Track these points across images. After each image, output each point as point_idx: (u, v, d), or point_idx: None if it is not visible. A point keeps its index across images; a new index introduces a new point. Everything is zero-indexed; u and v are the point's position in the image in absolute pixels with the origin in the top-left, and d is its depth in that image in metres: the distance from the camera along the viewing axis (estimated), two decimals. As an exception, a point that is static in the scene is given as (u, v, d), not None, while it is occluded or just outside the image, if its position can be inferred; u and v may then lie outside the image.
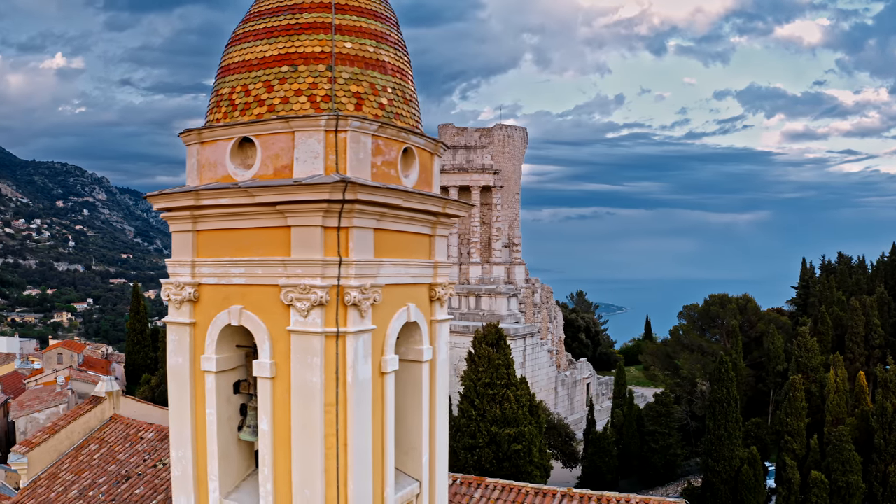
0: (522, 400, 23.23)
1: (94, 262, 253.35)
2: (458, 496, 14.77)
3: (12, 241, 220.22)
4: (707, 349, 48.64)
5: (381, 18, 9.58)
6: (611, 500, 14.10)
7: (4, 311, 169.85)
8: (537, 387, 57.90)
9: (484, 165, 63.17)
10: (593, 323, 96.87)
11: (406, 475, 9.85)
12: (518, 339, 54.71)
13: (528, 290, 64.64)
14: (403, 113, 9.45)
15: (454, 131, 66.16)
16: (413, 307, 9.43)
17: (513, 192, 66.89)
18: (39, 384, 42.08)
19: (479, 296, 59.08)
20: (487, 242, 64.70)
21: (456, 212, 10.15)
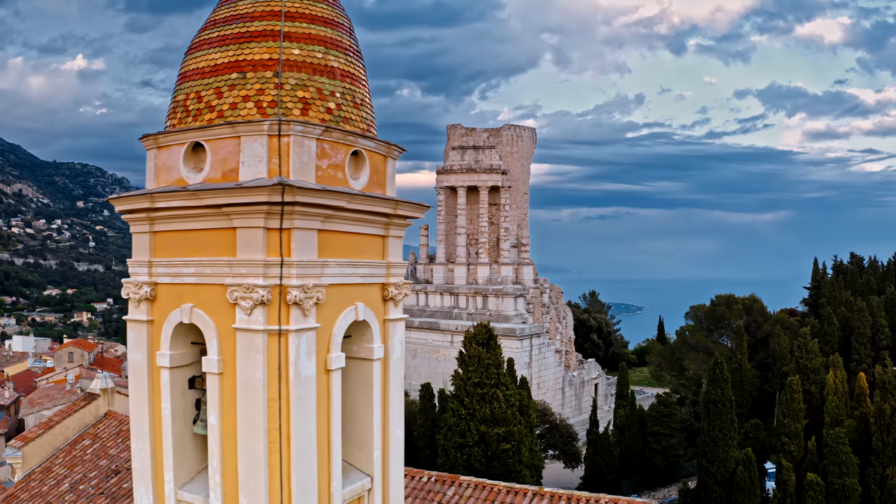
0: (512, 399, 23.37)
1: (115, 261, 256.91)
2: (431, 493, 14.99)
3: (33, 242, 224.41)
4: (713, 350, 48.33)
5: (332, 25, 9.84)
6: (580, 499, 14.23)
7: (25, 310, 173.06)
8: (544, 387, 57.91)
9: (492, 166, 63.32)
10: (605, 323, 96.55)
11: (358, 470, 10.10)
12: (524, 339, 54.80)
13: (537, 290, 64.65)
14: (353, 117, 9.70)
15: (462, 131, 66.40)
16: (362, 306, 9.68)
17: (521, 193, 66.96)
18: (50, 382, 43.01)
19: (486, 296, 59.24)
20: (496, 242, 64.82)
21: (410, 213, 10.37)
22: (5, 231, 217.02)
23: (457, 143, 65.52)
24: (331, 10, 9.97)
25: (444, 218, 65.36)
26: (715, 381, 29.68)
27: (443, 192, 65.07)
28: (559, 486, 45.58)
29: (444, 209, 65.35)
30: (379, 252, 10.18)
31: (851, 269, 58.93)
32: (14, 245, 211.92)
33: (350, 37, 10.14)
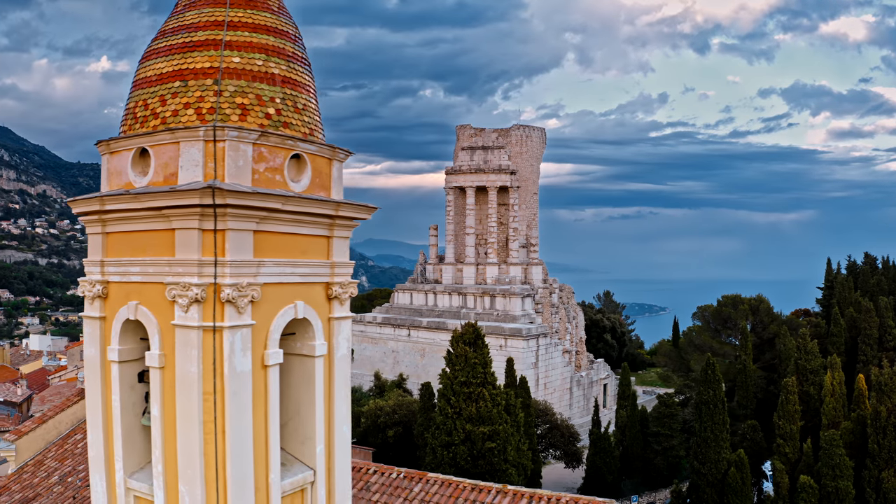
0: (498, 399, 23.56)
1: None
2: (399, 489, 15.31)
3: (57, 242, 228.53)
4: (719, 350, 48.00)
5: (274, 33, 10.22)
6: (542, 497, 14.43)
7: (49, 310, 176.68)
8: (551, 387, 57.92)
9: (501, 166, 63.45)
10: (620, 323, 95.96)
11: (301, 463, 10.45)
12: (531, 339, 54.86)
13: (546, 290, 64.61)
14: (293, 121, 10.06)
15: (472, 132, 66.61)
16: (302, 304, 10.02)
17: (531, 193, 66.96)
18: (63, 380, 44.17)
19: (493, 296, 59.41)
20: (505, 243, 64.94)
21: (355, 214, 10.70)
22: (30, 231, 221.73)
23: (466, 143, 65.75)
24: (275, 18, 10.34)
25: (454, 218, 65.65)
26: (707, 381, 29.56)
27: (452, 192, 65.36)
28: (561, 486, 45.60)
29: (453, 209, 65.64)
30: (323, 252, 10.52)
31: (864, 269, 58.06)
32: (38, 245, 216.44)
33: (295, 44, 10.51)
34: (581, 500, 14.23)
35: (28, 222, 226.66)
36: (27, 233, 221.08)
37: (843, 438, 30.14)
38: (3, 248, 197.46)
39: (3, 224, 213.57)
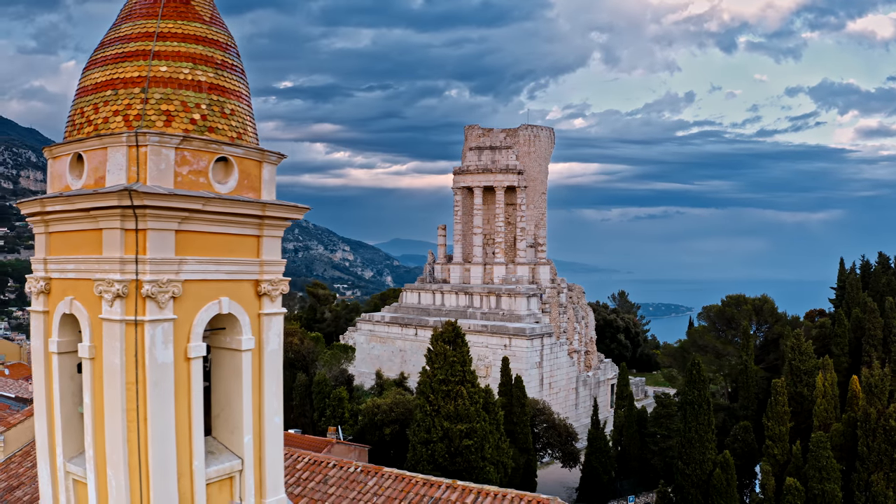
0: (476, 397, 23.88)
1: None
2: (355, 483, 15.77)
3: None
4: (722, 351, 47.65)
5: (204, 42, 10.77)
6: (489, 493, 14.76)
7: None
8: (556, 386, 57.96)
9: (508, 166, 63.62)
10: (634, 324, 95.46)
11: (230, 452, 10.98)
12: (535, 339, 54.97)
13: (554, 290, 64.60)
14: (220, 126, 10.60)
15: (479, 132, 66.89)
16: (227, 300, 10.55)
17: (539, 193, 67.01)
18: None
19: (499, 296, 59.63)
20: (512, 242, 65.09)
21: (284, 215, 11.21)
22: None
23: (474, 143, 66.04)
24: (205, 28, 10.90)
25: (461, 218, 65.99)
26: (691, 382, 29.46)
27: (460, 192, 65.71)
28: (560, 485, 45.63)
29: (461, 209, 65.98)
30: (253, 251, 11.04)
31: (876, 269, 57.07)
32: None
33: (226, 52, 11.05)
34: (526, 497, 14.53)
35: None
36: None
37: (834, 441, 29.84)
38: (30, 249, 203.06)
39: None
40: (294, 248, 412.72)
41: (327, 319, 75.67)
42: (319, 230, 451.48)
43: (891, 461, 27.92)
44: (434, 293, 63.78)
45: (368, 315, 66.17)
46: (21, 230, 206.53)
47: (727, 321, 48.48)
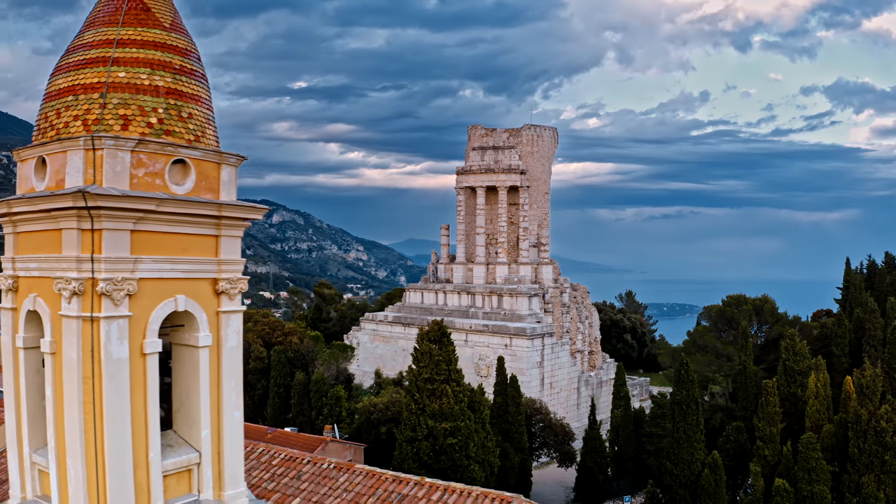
0: (461, 395, 24.12)
1: None
2: (327, 479, 16.10)
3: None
4: (722, 351, 47.55)
5: (163, 48, 11.14)
6: (455, 490, 15.01)
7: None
8: (557, 386, 58.05)
9: (510, 166, 63.75)
10: (641, 324, 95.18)
11: (189, 445, 11.34)
12: (535, 339, 55.09)
13: (557, 290, 64.66)
14: (177, 129, 10.97)
15: (482, 132, 67.09)
16: (183, 298, 10.91)
17: (542, 193, 67.10)
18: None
19: (500, 295, 59.80)
20: (515, 242, 65.22)
21: (241, 215, 11.55)
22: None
23: (477, 143, 66.25)
24: (165, 35, 11.27)
25: (464, 218, 66.22)
26: (680, 381, 29.46)
27: (462, 192, 65.95)
28: (559, 485, 45.72)
29: (463, 209, 66.23)
30: (211, 250, 11.40)
31: (881, 269, 56.67)
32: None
33: (185, 58, 11.41)
34: (491, 494, 14.77)
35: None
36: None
37: (826, 442, 29.74)
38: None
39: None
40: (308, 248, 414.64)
41: (333, 319, 76.23)
42: (333, 230, 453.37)
43: (882, 463, 27.81)
44: (437, 293, 64.07)
45: (372, 315, 66.63)
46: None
47: (728, 321, 48.36)
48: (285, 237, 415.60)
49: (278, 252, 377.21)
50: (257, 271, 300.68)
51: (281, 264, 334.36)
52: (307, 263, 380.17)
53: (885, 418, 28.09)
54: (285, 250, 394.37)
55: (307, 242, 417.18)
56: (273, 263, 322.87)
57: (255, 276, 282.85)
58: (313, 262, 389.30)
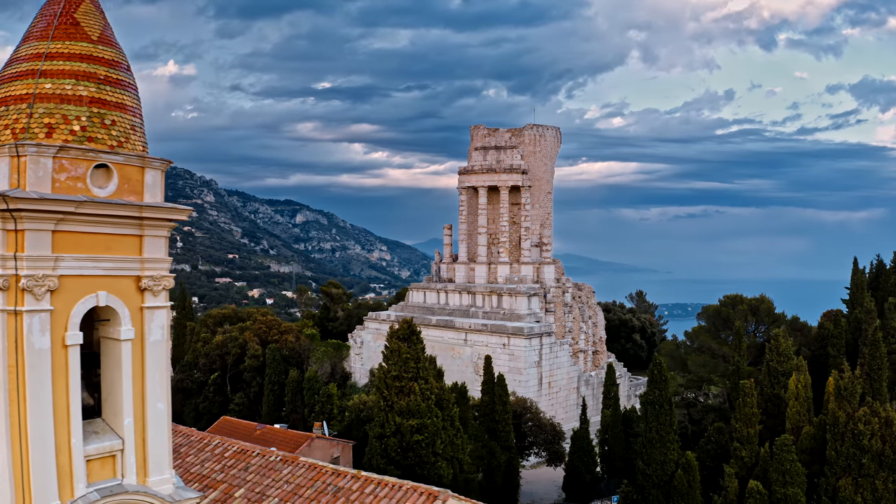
0: (427, 393, 24.63)
1: (201, 261, 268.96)
2: (272, 471, 16.78)
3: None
4: (717, 351, 47.34)
5: (88, 60, 11.89)
6: (388, 483, 15.50)
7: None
8: (556, 385, 58.25)
9: (512, 165, 64.05)
10: (650, 324, 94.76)
11: (114, 433, 12.07)
12: (533, 338, 55.37)
13: (559, 289, 64.85)
14: (100, 136, 11.71)
15: (485, 132, 67.51)
16: (104, 294, 11.64)
17: (544, 192, 67.31)
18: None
19: (500, 295, 60.17)
20: (517, 242, 65.52)
21: (162, 216, 12.25)
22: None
23: (479, 143, 66.69)
24: (91, 47, 12.02)
25: (466, 218, 66.69)
26: (653, 381, 29.58)
27: (465, 192, 66.43)
28: (552, 484, 45.91)
29: (465, 209, 66.70)
30: (135, 249, 12.12)
31: (890, 268, 55.86)
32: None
33: (110, 68, 12.14)
34: (420, 488, 15.25)
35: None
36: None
37: (804, 444, 29.60)
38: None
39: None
40: (331, 248, 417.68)
41: (340, 318, 77.23)
42: (357, 230, 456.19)
43: (859, 466, 27.56)
44: (438, 292, 64.66)
45: (375, 314, 67.43)
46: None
47: (724, 321, 48.15)
48: (309, 237, 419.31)
49: (301, 252, 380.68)
50: (280, 271, 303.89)
51: (304, 264, 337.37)
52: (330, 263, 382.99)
53: (862, 421, 27.90)
54: (308, 250, 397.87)
55: (330, 242, 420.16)
56: (296, 263, 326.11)
57: (278, 276, 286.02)
58: (336, 262, 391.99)
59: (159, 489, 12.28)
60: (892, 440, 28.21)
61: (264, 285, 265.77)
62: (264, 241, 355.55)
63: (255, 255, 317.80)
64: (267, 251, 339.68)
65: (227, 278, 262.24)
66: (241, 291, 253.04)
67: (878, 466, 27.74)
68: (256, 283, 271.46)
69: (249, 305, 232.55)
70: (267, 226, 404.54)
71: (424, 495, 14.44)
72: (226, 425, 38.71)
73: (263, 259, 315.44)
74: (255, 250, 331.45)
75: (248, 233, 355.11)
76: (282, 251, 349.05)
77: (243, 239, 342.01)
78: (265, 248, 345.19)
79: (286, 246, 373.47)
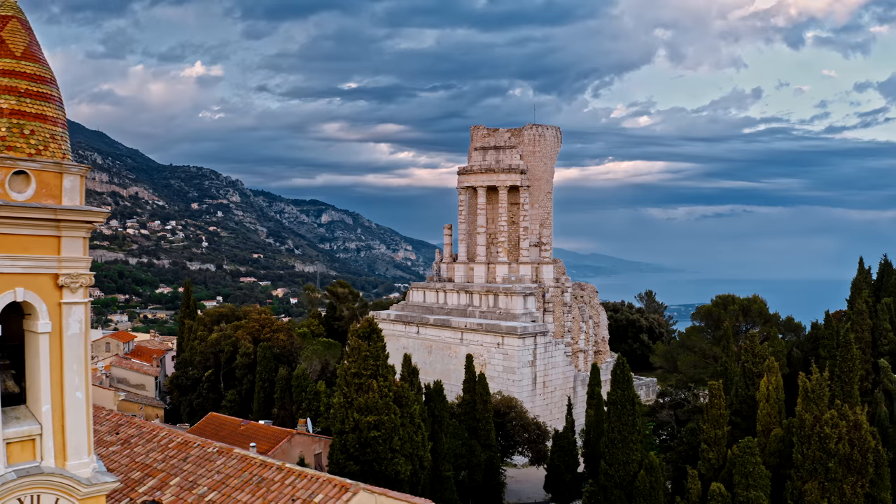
0: (385, 390, 25.24)
1: (226, 261, 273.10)
2: (207, 462, 17.61)
3: (147, 242, 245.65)
4: (708, 351, 47.26)
5: (10, 75, 12.79)
6: (307, 475, 16.14)
7: (138, 308, 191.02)
8: (551, 385, 58.48)
9: (511, 165, 64.36)
10: (659, 324, 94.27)
11: (34, 419, 12.94)
12: (527, 338, 55.67)
13: (558, 289, 65.02)
14: (19, 145, 12.59)
15: (484, 132, 67.93)
16: (22, 290, 12.52)
17: (544, 192, 67.51)
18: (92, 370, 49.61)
19: (496, 294, 60.57)
20: (516, 242, 65.84)
21: (80, 218, 13.09)
22: (120, 232, 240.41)
23: (479, 143, 67.13)
24: (14, 63, 12.91)
25: (466, 218, 67.19)
26: (616, 381, 29.68)
27: (464, 192, 66.94)
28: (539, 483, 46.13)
29: (465, 209, 67.21)
30: (53, 249, 12.99)
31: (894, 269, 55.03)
32: (129, 245, 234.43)
33: (32, 82, 13.02)
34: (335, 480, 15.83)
35: (119, 223, 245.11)
36: (118, 233, 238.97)
37: (772, 447, 29.56)
38: (94, 248, 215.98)
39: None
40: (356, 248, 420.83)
41: (345, 317, 78.23)
42: (382, 230, 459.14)
43: (825, 470, 27.42)
44: (437, 292, 65.27)
45: (375, 313, 68.27)
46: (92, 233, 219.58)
47: (715, 321, 48.07)
48: (334, 237, 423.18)
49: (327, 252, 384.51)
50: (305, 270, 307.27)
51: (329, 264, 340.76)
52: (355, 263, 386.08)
53: (829, 424, 27.76)
54: (334, 250, 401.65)
55: (356, 242, 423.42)
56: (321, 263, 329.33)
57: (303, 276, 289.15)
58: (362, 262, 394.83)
59: (77, 472, 13.13)
60: (860, 444, 28.05)
61: (289, 285, 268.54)
62: (289, 240, 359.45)
63: (280, 255, 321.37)
64: (292, 251, 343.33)
65: (252, 278, 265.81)
66: (265, 291, 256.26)
67: (845, 470, 27.60)
68: (281, 282, 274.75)
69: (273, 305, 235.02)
70: (292, 225, 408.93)
71: (337, 487, 15.10)
72: (213, 421, 39.92)
73: (288, 259, 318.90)
74: (281, 250, 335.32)
75: (273, 233, 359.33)
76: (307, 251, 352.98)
77: (268, 239, 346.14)
78: (290, 248, 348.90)
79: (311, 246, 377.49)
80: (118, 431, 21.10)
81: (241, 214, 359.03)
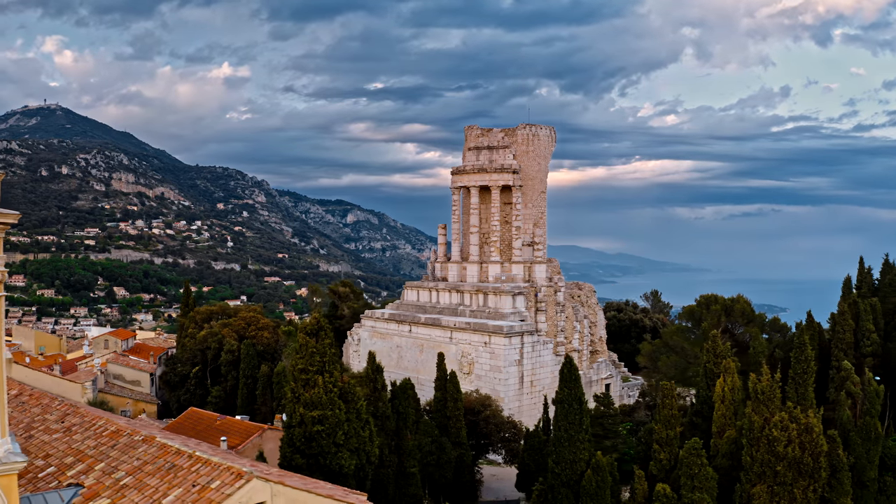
0: (330, 386, 25.89)
1: (251, 261, 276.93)
2: (132, 449, 18.41)
3: (173, 242, 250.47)
4: (690, 351, 46.97)
5: None
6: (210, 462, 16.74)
7: (162, 307, 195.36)
8: (539, 384, 58.56)
9: (503, 165, 64.55)
10: (662, 324, 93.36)
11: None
12: (513, 337, 55.85)
13: (551, 288, 65.04)
14: None
15: (478, 132, 68.19)
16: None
17: (538, 192, 67.54)
18: (89, 366, 51.30)
19: (486, 294, 60.86)
20: (510, 241, 66.01)
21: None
22: (146, 232, 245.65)
23: (473, 143, 67.43)
24: None
25: (460, 217, 67.57)
26: (563, 380, 29.79)
27: (458, 192, 67.31)
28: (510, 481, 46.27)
29: (459, 208, 67.58)
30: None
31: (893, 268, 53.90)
32: (154, 245, 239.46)
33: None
34: (232, 469, 16.46)
35: (145, 223, 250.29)
36: (143, 233, 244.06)
37: (724, 448, 29.42)
38: (120, 248, 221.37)
39: (121, 225, 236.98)
40: (382, 248, 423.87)
41: (346, 316, 79.25)
42: (407, 229, 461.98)
43: (774, 473, 27.22)
44: (430, 291, 65.79)
45: (371, 312, 69.09)
46: (112, 230, 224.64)
47: (697, 321, 47.75)
48: (359, 237, 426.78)
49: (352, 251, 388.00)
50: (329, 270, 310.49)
51: (354, 263, 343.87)
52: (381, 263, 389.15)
53: (778, 427, 27.57)
54: (359, 250, 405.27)
55: (381, 242, 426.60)
56: (346, 263, 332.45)
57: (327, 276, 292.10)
58: (387, 262, 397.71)
59: (-15, 453, 14.03)
60: (812, 447, 27.79)
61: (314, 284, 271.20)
62: (314, 240, 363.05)
63: (305, 255, 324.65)
64: (317, 251, 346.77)
65: (276, 277, 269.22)
66: (288, 290, 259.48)
67: (796, 474, 27.33)
68: (305, 282, 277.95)
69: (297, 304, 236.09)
70: (318, 225, 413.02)
71: (234, 474, 15.84)
72: (192, 415, 41.11)
73: (313, 258, 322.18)
74: (306, 250, 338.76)
75: (298, 232, 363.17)
76: (332, 251, 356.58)
77: (294, 238, 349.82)
78: (315, 248, 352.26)
79: (336, 245, 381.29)
80: (64, 420, 22.23)
81: (266, 214, 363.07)
